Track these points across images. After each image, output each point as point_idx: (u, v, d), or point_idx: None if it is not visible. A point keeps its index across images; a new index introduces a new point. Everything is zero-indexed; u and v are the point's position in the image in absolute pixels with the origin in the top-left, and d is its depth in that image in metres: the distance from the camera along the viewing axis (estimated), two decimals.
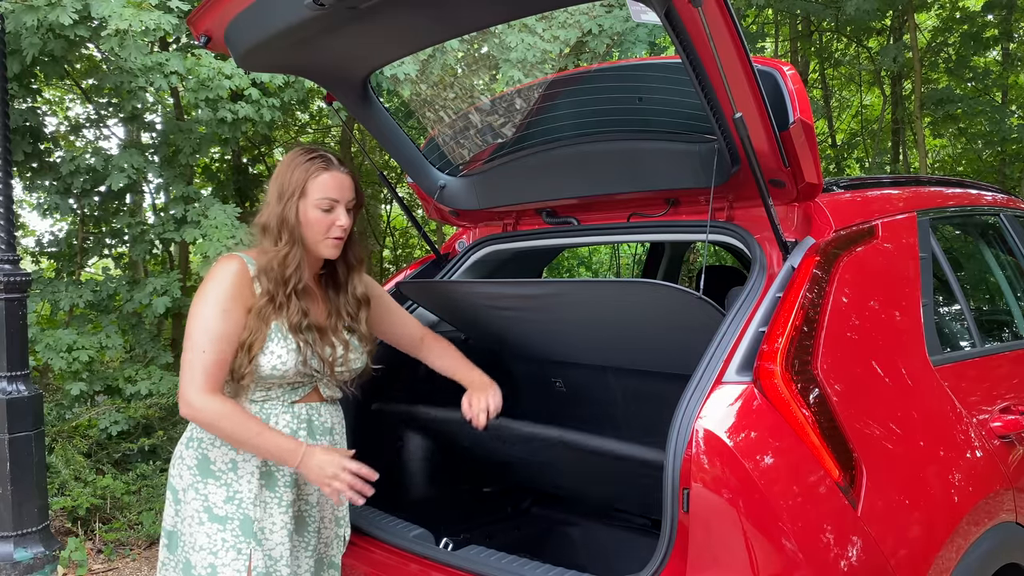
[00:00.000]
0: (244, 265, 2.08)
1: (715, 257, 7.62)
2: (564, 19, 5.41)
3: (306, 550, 2.20)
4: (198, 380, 1.99)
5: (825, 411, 1.86)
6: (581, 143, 2.63)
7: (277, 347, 2.05)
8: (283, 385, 2.11)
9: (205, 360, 1.99)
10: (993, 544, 2.11)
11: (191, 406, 1.99)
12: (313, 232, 2.10)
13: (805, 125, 2.05)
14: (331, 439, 2.23)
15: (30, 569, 3.82)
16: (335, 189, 2.10)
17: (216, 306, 2.02)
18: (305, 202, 2.08)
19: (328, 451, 2.05)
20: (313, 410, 2.18)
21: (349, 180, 2.13)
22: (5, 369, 3.86)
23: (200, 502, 2.07)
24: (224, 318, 2.02)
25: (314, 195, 2.08)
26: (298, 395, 2.15)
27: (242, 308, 2.05)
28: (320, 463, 2.01)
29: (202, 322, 2.02)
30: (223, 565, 2.03)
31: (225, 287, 2.04)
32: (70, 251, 6.28)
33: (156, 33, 4.57)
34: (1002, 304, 3.12)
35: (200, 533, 2.06)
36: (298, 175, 2.08)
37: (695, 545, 1.76)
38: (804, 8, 8.73)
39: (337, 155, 2.17)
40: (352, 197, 2.14)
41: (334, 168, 2.11)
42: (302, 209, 2.08)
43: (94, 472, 5.03)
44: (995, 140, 9.35)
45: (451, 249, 3.24)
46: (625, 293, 2.46)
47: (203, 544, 2.05)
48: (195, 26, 2.33)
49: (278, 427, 2.11)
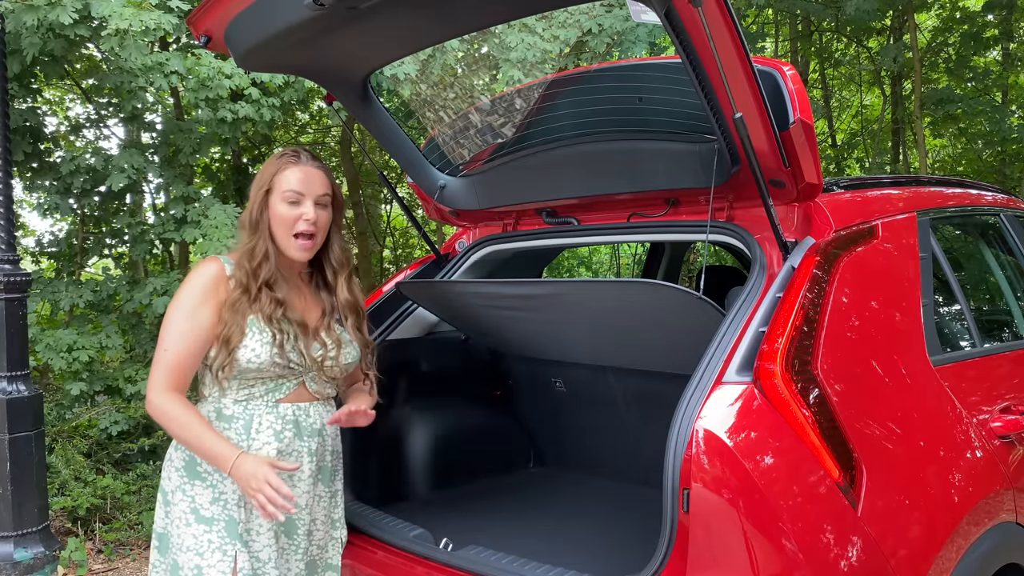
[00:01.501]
0: (221, 267, 2.12)
1: (715, 257, 7.62)
2: (564, 19, 5.42)
3: (296, 553, 2.19)
4: (158, 378, 2.04)
5: (825, 411, 1.86)
6: (581, 143, 2.63)
7: (251, 340, 2.07)
8: (264, 380, 2.11)
9: (167, 358, 2.05)
10: (993, 544, 2.11)
11: (149, 403, 2.05)
12: (280, 228, 2.12)
13: (805, 125, 2.06)
14: (320, 439, 2.21)
15: (30, 569, 3.82)
16: (301, 182, 2.12)
17: (183, 307, 2.07)
18: (273, 196, 2.12)
19: (259, 462, 1.96)
20: (300, 410, 2.17)
21: (320, 174, 2.15)
22: (5, 369, 3.86)
23: (187, 503, 2.08)
24: (189, 317, 2.05)
25: (281, 187, 2.11)
26: (282, 393, 2.14)
27: (212, 308, 2.07)
28: (246, 474, 1.94)
29: (169, 322, 2.07)
30: (209, 566, 2.04)
31: (196, 289, 2.08)
32: (70, 251, 6.27)
33: (156, 33, 4.56)
34: (1002, 304, 3.12)
35: (187, 534, 2.07)
36: (269, 170, 2.14)
37: (695, 545, 1.76)
38: (804, 8, 8.73)
39: (313, 152, 2.20)
40: (324, 192, 2.15)
41: (303, 163, 2.14)
42: (271, 203, 2.12)
43: (94, 472, 5.04)
44: (995, 140, 9.35)
45: (451, 249, 3.24)
46: (625, 293, 2.46)
47: (190, 545, 2.06)
48: (195, 26, 2.33)
49: (262, 428, 2.10)
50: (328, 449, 2.25)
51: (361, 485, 2.72)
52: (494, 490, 3.17)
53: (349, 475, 2.38)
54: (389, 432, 2.97)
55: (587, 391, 3.13)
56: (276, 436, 2.11)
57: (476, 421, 3.34)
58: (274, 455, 2.10)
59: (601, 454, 3.26)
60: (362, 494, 2.66)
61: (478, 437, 3.31)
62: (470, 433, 3.26)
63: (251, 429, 2.10)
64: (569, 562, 2.20)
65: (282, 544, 2.16)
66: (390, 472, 2.97)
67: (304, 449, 2.17)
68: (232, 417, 2.10)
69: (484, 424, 3.36)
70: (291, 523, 2.17)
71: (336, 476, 2.31)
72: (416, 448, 3.05)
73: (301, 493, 2.17)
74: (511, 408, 3.48)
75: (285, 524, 2.15)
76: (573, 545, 2.58)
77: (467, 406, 3.32)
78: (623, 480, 3.16)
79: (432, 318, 3.22)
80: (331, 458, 2.27)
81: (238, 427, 2.10)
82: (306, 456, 2.17)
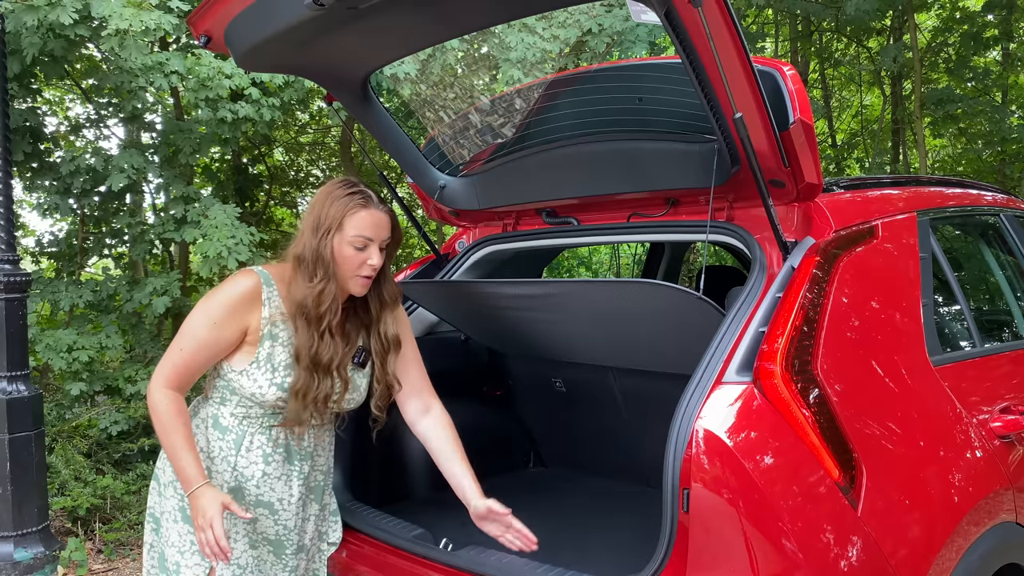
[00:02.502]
0: (258, 283, 2.06)
1: (715, 257, 7.62)
2: (564, 18, 5.42)
3: (284, 570, 2.20)
4: (164, 372, 2.03)
5: (825, 411, 1.86)
6: (581, 143, 2.63)
7: (261, 377, 2.04)
8: (263, 406, 2.10)
9: (178, 358, 2.03)
10: (993, 544, 2.11)
11: (149, 394, 2.04)
12: (343, 269, 2.06)
13: (805, 125, 2.05)
14: (311, 463, 2.20)
15: (30, 569, 3.82)
16: (371, 227, 2.06)
17: (210, 315, 2.03)
18: (340, 237, 2.04)
19: (214, 500, 1.92)
20: (293, 436, 2.15)
21: (387, 219, 2.09)
22: (5, 369, 3.86)
23: (177, 500, 2.11)
24: (213, 327, 2.02)
25: (349, 232, 2.04)
26: (278, 420, 2.12)
27: (237, 325, 2.04)
28: (199, 506, 1.92)
29: (192, 323, 2.04)
30: (186, 566, 2.08)
31: (229, 302, 2.03)
32: (70, 251, 6.27)
33: (156, 33, 4.57)
34: (1002, 304, 3.12)
35: (173, 531, 2.11)
36: (336, 209, 2.04)
37: (695, 545, 1.76)
38: (804, 8, 8.73)
39: (377, 193, 2.12)
40: (387, 236, 2.11)
41: (373, 206, 2.06)
42: (336, 245, 2.04)
43: (94, 472, 5.03)
44: (995, 140, 9.35)
45: (451, 249, 3.24)
46: (625, 293, 2.46)
47: (174, 541, 2.10)
48: (195, 26, 2.33)
49: (252, 447, 2.10)
50: (319, 470, 2.25)
51: (361, 485, 2.72)
52: (494, 490, 3.15)
53: (349, 475, 2.38)
54: (389, 432, 2.96)
55: (587, 391, 3.13)
56: (265, 459, 2.11)
57: (476, 421, 3.33)
58: (259, 476, 2.11)
59: (601, 454, 3.26)
60: (362, 494, 2.65)
61: (478, 437, 3.29)
62: (470, 433, 3.24)
63: (241, 446, 2.10)
64: (569, 562, 2.20)
65: (270, 562, 2.18)
66: (390, 472, 2.97)
67: (294, 472, 2.16)
68: (227, 429, 2.11)
69: (484, 424, 3.36)
70: (279, 544, 2.18)
71: (326, 492, 2.31)
72: (416, 448, 3.04)
73: (291, 516, 2.17)
74: (511, 408, 3.48)
75: (272, 543, 2.17)
76: (573, 545, 2.57)
77: (467, 406, 3.31)
78: (623, 480, 3.16)
79: (432, 318, 3.22)
80: (322, 478, 2.27)
81: (229, 440, 2.10)
82: (296, 479, 2.16)
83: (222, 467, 2.10)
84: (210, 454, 2.11)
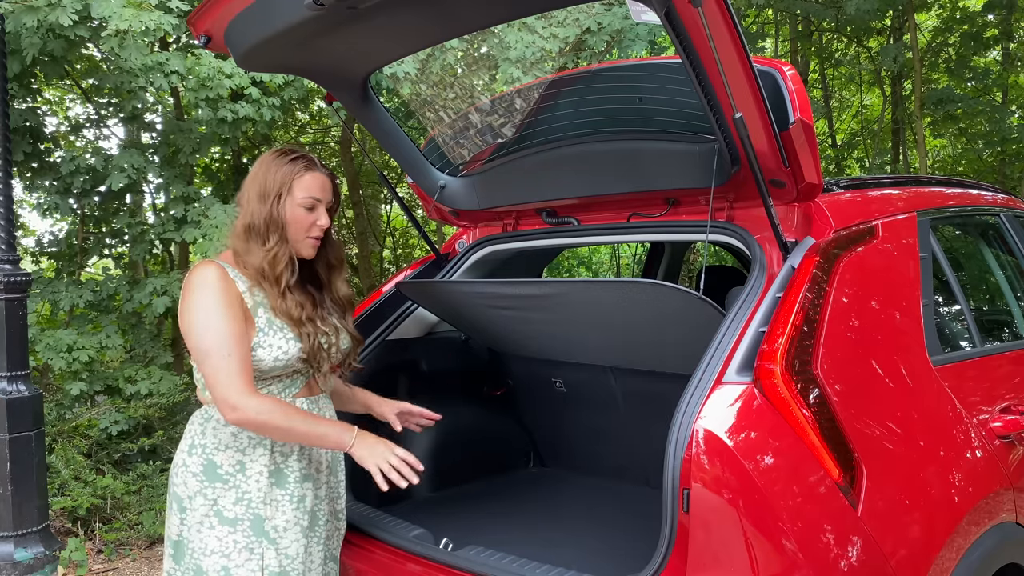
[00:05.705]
0: (220, 267, 2.09)
1: (715, 257, 7.62)
2: (563, 18, 5.42)
3: (318, 544, 2.20)
4: (237, 383, 1.96)
5: (825, 411, 1.86)
6: (581, 143, 2.63)
7: (275, 339, 2.07)
8: (281, 379, 2.13)
9: (233, 363, 1.97)
10: (993, 544, 2.11)
11: (238, 409, 1.95)
12: (294, 231, 2.14)
13: (805, 125, 2.05)
14: None
15: (30, 569, 3.82)
16: (319, 189, 2.16)
17: (216, 311, 2.01)
18: (291, 200, 2.12)
19: (376, 436, 2.08)
20: (313, 404, 2.20)
21: (330, 181, 2.20)
22: (5, 369, 3.86)
23: (208, 507, 2.07)
24: (229, 319, 2.01)
25: (299, 194, 2.13)
26: (297, 387, 2.17)
27: (239, 306, 2.06)
28: (372, 446, 2.05)
29: (208, 330, 1.99)
30: (236, 566, 2.03)
31: (218, 291, 2.03)
32: (70, 251, 6.28)
33: (156, 33, 4.57)
34: (1002, 304, 3.12)
35: (211, 537, 2.06)
36: (282, 175, 2.13)
37: (695, 545, 1.76)
38: (804, 8, 8.73)
39: (317, 156, 2.24)
40: (332, 198, 2.20)
41: (316, 169, 2.17)
42: (289, 208, 2.12)
43: (94, 472, 5.03)
44: (995, 140, 9.35)
45: (451, 249, 3.24)
46: (625, 293, 2.46)
47: (214, 548, 2.05)
48: (195, 26, 2.33)
49: None
50: None
51: (361, 485, 2.72)
52: (494, 490, 3.17)
53: (349, 475, 2.38)
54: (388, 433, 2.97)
55: (587, 391, 3.13)
56: None
57: (476, 421, 3.34)
58: (298, 450, 2.14)
59: (601, 454, 3.26)
60: (362, 494, 2.65)
61: (478, 437, 3.31)
62: (470, 433, 3.26)
63: None
64: (569, 562, 2.20)
65: (308, 538, 2.16)
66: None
67: None
68: None
69: (484, 424, 3.36)
70: (314, 516, 2.19)
71: (339, 467, 2.34)
72: (416, 448, 3.03)
73: (321, 484, 2.22)
74: (511, 408, 3.48)
75: (310, 517, 2.17)
76: (573, 545, 2.58)
77: (467, 406, 3.32)
78: (623, 480, 3.16)
79: (432, 318, 3.22)
80: None
81: None
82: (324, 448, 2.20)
83: (259, 452, 2.09)
84: (241, 448, 2.09)
